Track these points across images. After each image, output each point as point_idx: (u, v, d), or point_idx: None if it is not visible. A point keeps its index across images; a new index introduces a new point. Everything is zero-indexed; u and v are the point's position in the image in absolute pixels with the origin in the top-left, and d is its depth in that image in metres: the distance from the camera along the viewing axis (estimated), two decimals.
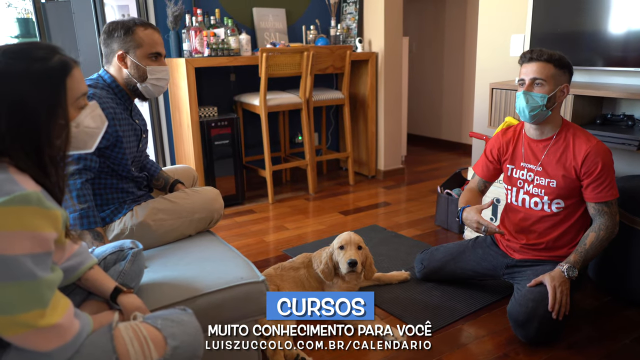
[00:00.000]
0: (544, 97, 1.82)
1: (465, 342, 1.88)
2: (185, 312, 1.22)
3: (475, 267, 2.17)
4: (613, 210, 1.86)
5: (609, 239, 1.86)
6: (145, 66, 1.79)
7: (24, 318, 0.94)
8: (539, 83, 1.83)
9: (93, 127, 1.16)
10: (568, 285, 1.81)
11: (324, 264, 2.06)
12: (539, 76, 1.83)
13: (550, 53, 1.83)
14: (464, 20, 4.93)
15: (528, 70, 1.85)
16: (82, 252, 1.25)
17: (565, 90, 1.86)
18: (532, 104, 1.84)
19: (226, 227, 3.12)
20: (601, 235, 1.85)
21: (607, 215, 1.85)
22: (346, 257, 2.01)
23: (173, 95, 3.49)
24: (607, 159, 1.83)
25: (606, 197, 1.84)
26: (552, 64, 1.82)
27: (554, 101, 1.85)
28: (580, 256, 1.85)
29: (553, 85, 1.83)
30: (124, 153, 1.78)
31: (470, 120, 4.95)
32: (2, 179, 0.96)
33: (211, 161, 3.40)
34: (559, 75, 1.83)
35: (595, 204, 1.87)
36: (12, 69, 1.00)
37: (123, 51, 1.77)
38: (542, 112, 1.85)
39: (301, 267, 2.14)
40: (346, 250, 2.04)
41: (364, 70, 4.03)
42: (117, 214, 1.78)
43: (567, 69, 1.85)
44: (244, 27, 3.77)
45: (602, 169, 1.82)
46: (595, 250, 1.86)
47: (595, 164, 1.82)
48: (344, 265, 2.01)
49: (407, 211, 3.37)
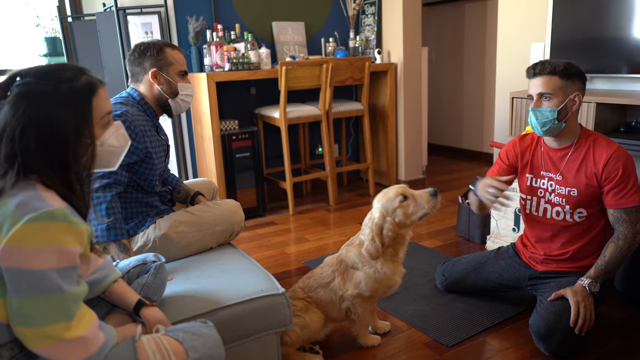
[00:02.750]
0: (554, 110, 1.79)
1: (488, 355, 1.86)
2: (206, 324, 1.23)
3: (498, 279, 2.15)
4: (633, 218, 1.81)
5: (630, 249, 1.81)
6: (177, 82, 1.90)
7: (50, 330, 0.97)
8: (547, 97, 1.80)
9: (117, 146, 1.20)
10: (592, 300, 1.77)
11: (370, 240, 1.74)
12: (545, 90, 1.79)
13: (554, 64, 1.79)
14: (483, 29, 4.91)
15: (534, 86, 1.83)
16: (106, 266, 1.28)
17: (577, 99, 1.81)
18: (543, 120, 1.82)
19: (247, 239, 3.15)
20: (620, 245, 1.80)
21: (626, 224, 1.80)
22: (422, 194, 1.72)
23: (195, 109, 3.56)
24: (628, 164, 1.79)
25: (627, 203, 1.79)
26: (557, 76, 1.78)
27: (566, 112, 1.82)
28: (600, 270, 1.81)
29: (562, 97, 1.79)
30: (151, 168, 1.83)
31: (492, 129, 4.91)
32: (30, 195, 0.99)
33: (232, 173, 3.44)
34: (566, 86, 1.79)
35: (615, 211, 1.82)
36: (42, 89, 1.04)
37: (156, 69, 1.85)
38: (555, 125, 1.82)
39: (331, 277, 1.83)
40: (412, 193, 1.73)
41: (383, 81, 4.04)
42: (141, 227, 1.83)
43: (576, 77, 1.80)
44: (263, 41, 3.82)
45: (623, 174, 1.78)
46: (616, 261, 1.81)
47: (616, 170, 1.79)
48: (425, 202, 1.70)
49: (428, 222, 3.35)
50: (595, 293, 1.79)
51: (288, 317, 1.58)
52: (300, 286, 1.89)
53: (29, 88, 1.03)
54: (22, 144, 1.01)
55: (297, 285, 1.91)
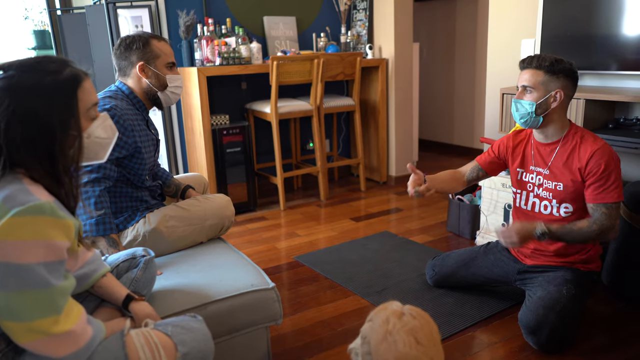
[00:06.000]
0: (532, 104, 1.84)
1: (477, 350, 1.87)
2: (195, 319, 1.23)
3: (487, 273, 2.16)
4: (612, 214, 1.80)
5: (598, 236, 1.80)
6: (165, 75, 1.87)
7: (38, 325, 0.97)
8: (529, 90, 1.85)
9: (104, 138, 1.19)
10: (527, 241, 1.82)
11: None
12: (527, 84, 1.85)
13: (542, 59, 1.83)
14: (474, 25, 4.93)
15: (521, 78, 1.89)
16: (95, 260, 1.28)
17: (558, 95, 1.83)
18: (521, 111, 1.87)
19: (238, 234, 3.14)
20: (593, 228, 1.80)
21: (605, 216, 1.80)
22: None
23: (185, 103, 3.54)
24: (611, 162, 1.80)
25: (605, 198, 1.80)
26: (542, 71, 1.82)
27: (546, 107, 1.85)
28: (561, 231, 1.81)
29: (543, 92, 1.83)
30: (141, 163, 1.82)
31: (482, 125, 4.93)
32: (17, 189, 0.98)
33: (223, 168, 3.43)
34: (549, 82, 1.82)
35: (593, 205, 1.83)
36: (25, 82, 1.03)
37: (143, 62, 1.83)
38: (533, 119, 1.86)
39: None
40: None
41: (375, 76, 4.04)
42: (130, 221, 1.82)
43: (562, 74, 1.82)
44: (254, 36, 3.81)
45: (605, 169, 1.79)
46: (577, 235, 1.81)
47: (599, 165, 1.80)
48: None
49: (419, 217, 3.36)
50: (537, 237, 1.81)
51: (278, 312, 1.58)
52: None
53: (12, 81, 1.02)
54: (7, 137, 1.00)
55: None
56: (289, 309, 2.19)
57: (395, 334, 1.00)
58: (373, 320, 1.06)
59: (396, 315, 1.04)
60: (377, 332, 1.03)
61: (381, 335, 1.02)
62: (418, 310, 1.09)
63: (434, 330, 1.06)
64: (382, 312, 1.06)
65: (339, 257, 2.72)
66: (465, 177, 2.18)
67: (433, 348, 1.01)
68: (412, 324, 1.03)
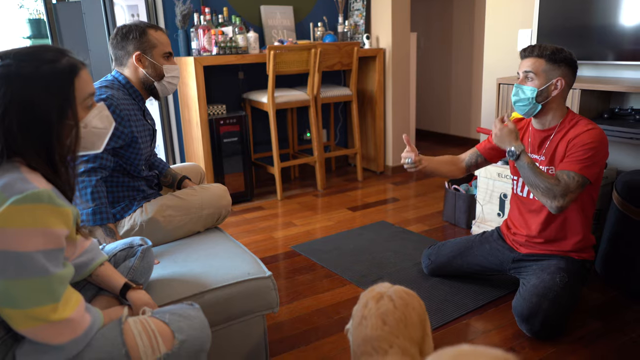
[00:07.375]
0: (534, 90, 1.86)
1: (471, 337, 1.89)
2: (192, 307, 1.25)
3: (482, 262, 2.18)
4: (570, 184, 1.79)
5: (548, 191, 1.80)
6: (161, 65, 1.87)
7: (37, 312, 0.98)
8: (531, 77, 1.88)
9: (101, 128, 1.19)
10: (504, 141, 1.87)
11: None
12: (529, 69, 1.88)
13: (543, 48, 1.86)
14: (472, 15, 4.91)
15: (522, 65, 1.91)
16: (93, 249, 1.29)
17: (559, 84, 1.86)
18: (522, 97, 1.89)
19: (235, 224, 3.15)
20: (551, 182, 1.80)
21: (563, 181, 1.80)
22: None
23: (182, 93, 3.53)
24: (596, 143, 1.81)
25: (571, 167, 1.81)
26: (543, 59, 1.86)
27: (547, 95, 1.88)
28: (531, 162, 1.83)
29: (544, 80, 1.86)
30: (137, 153, 1.82)
31: (479, 115, 4.94)
32: (15, 177, 0.99)
33: (220, 158, 3.43)
34: (551, 70, 1.85)
35: (559, 172, 1.83)
36: (22, 71, 1.02)
37: (140, 52, 1.83)
38: (532, 105, 1.89)
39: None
40: None
41: (372, 66, 4.03)
42: (128, 211, 1.82)
43: (563, 63, 1.85)
44: (251, 25, 3.79)
45: (585, 145, 1.80)
46: (535, 178, 1.81)
47: (582, 141, 1.82)
48: None
49: (415, 207, 3.38)
50: (508, 151, 1.86)
51: (274, 300, 1.60)
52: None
53: (9, 70, 1.02)
54: (4, 126, 1.01)
55: None
56: (285, 298, 2.21)
57: (368, 319, 1.04)
58: (359, 302, 1.11)
59: (375, 299, 1.08)
60: (357, 315, 1.08)
61: (357, 319, 1.07)
62: (403, 292, 1.11)
63: (414, 311, 1.08)
64: (365, 296, 1.10)
65: (336, 247, 2.73)
66: (464, 162, 2.22)
67: (403, 328, 1.03)
68: (385, 307, 1.05)
